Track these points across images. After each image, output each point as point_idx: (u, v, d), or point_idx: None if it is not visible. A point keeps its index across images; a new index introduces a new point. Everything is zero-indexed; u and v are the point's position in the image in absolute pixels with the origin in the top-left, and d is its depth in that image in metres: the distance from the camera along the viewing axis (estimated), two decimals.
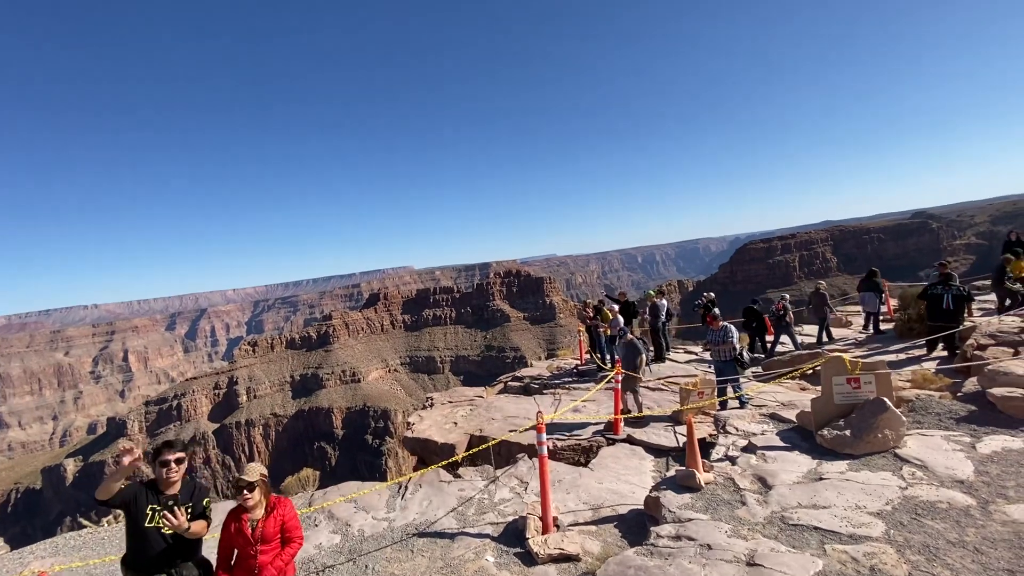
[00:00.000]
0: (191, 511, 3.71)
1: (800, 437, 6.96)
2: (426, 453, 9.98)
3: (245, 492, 3.75)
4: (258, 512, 3.76)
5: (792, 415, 7.73)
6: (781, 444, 6.81)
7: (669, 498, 5.69)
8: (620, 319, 13.83)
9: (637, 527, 5.74)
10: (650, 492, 6.04)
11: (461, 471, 8.08)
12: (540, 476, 5.80)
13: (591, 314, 15.08)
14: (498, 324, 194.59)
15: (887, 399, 6.36)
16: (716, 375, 10.01)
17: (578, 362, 15.85)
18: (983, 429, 6.35)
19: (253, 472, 3.79)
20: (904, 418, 6.37)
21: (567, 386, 13.22)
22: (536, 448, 6.06)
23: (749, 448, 6.82)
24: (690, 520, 5.22)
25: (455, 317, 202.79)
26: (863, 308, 15.63)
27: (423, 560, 5.62)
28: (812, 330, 16.33)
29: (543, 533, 5.63)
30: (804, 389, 10.54)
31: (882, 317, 15.59)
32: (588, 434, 9.16)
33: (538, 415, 6.15)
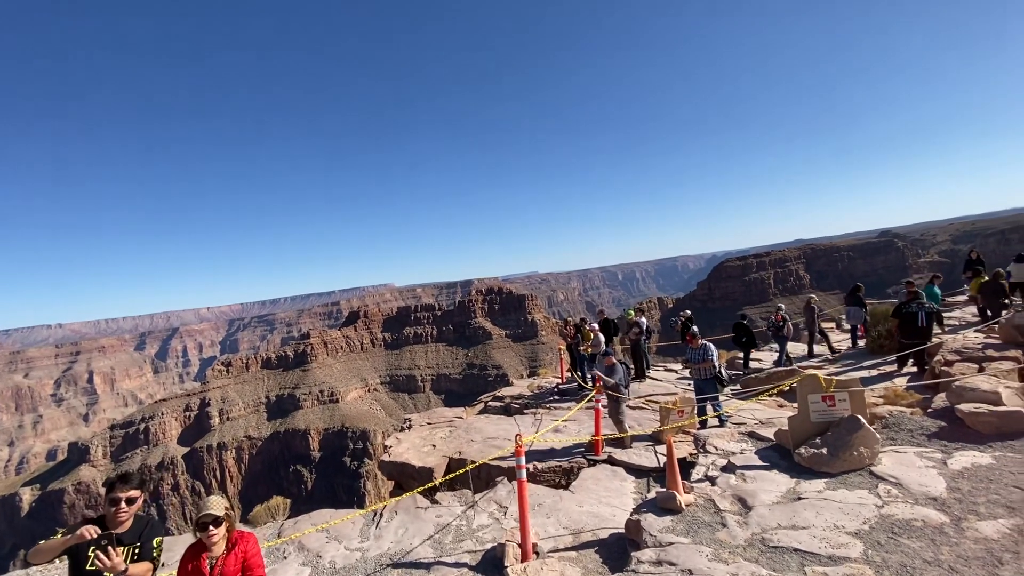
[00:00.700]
0: (138, 552, 3.43)
1: (778, 455, 6.99)
2: (403, 477, 9.73)
3: (210, 528, 3.50)
4: (218, 549, 3.53)
5: (770, 433, 7.77)
6: (760, 463, 6.82)
7: (650, 521, 5.61)
8: (601, 338, 13.86)
9: (618, 552, 5.64)
10: (631, 515, 5.95)
11: (439, 496, 7.87)
12: (519, 501, 5.67)
13: (572, 332, 15.09)
14: (480, 342, 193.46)
15: (861, 416, 6.44)
16: (696, 393, 10.04)
17: (559, 381, 15.78)
18: (953, 445, 6.46)
19: (217, 506, 3.54)
20: (878, 435, 6.44)
21: (548, 406, 13.12)
22: (516, 471, 5.94)
23: (729, 468, 6.81)
24: (671, 544, 5.14)
25: (436, 335, 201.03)
26: (847, 321, 16.11)
27: None
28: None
29: (522, 561, 5.49)
30: (782, 406, 10.65)
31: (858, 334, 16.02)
32: (569, 455, 9.06)
33: (517, 438, 6.04)
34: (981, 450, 6.19)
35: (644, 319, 15.74)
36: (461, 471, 7.31)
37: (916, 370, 11.11)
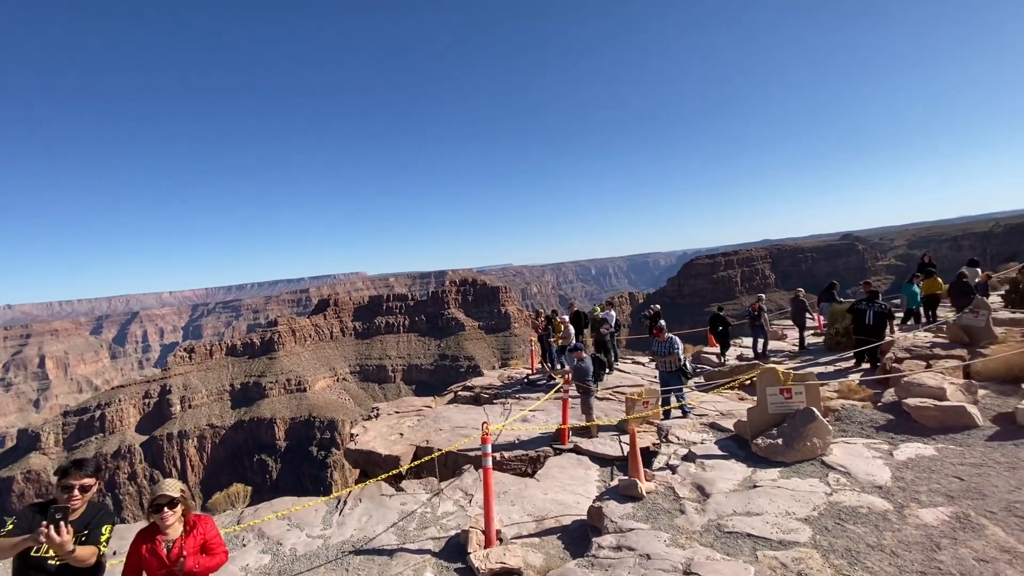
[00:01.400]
0: (85, 538, 3.29)
1: (737, 446, 7.21)
2: (369, 466, 9.64)
3: (165, 510, 3.39)
4: (174, 532, 3.43)
5: (730, 424, 8.01)
6: (719, 453, 7.02)
7: (612, 508, 5.72)
8: (571, 330, 13.99)
9: (580, 538, 5.73)
10: (593, 502, 6.05)
11: (404, 484, 7.84)
12: (484, 488, 5.69)
13: (543, 324, 15.17)
14: (452, 333, 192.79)
15: (816, 409, 6.69)
16: (661, 385, 10.25)
17: (530, 372, 15.87)
18: (899, 437, 6.79)
19: (172, 487, 3.43)
20: (831, 427, 6.72)
21: (518, 396, 13.18)
22: (482, 459, 5.96)
23: (689, 457, 6.99)
24: (631, 530, 5.26)
25: (408, 325, 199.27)
26: (821, 317, 16.81)
27: None
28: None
29: (486, 547, 5.52)
30: (742, 399, 10.97)
31: (811, 331, 16.69)
32: (536, 444, 9.14)
33: (484, 426, 6.06)
34: (925, 442, 6.52)
35: (613, 312, 15.96)
36: (427, 458, 7.29)
37: (869, 366, 11.61)
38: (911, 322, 15.36)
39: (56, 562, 3.20)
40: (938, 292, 15.49)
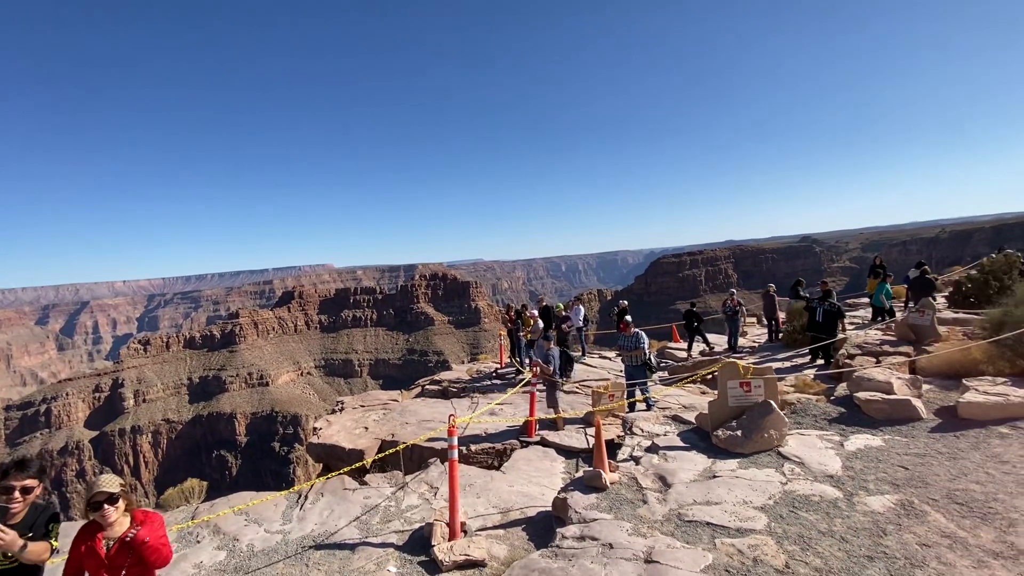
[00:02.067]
0: (32, 537, 3.12)
1: (698, 437, 7.38)
2: (332, 460, 9.44)
3: (105, 507, 3.19)
4: (117, 529, 3.24)
5: (692, 417, 8.20)
6: (681, 444, 7.18)
7: (576, 499, 5.77)
8: (540, 324, 14.04)
9: (544, 529, 5.76)
10: (558, 494, 6.09)
11: (368, 478, 7.71)
12: (450, 481, 5.65)
13: (512, 318, 15.19)
14: (421, 327, 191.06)
15: (773, 402, 6.91)
16: (626, 379, 10.40)
17: (498, 366, 15.87)
18: (850, 429, 7.10)
19: (110, 483, 3.23)
20: (786, 419, 6.96)
21: (486, 390, 13.16)
22: (448, 451, 5.91)
23: (652, 448, 7.12)
24: (595, 520, 5.31)
25: (376, 319, 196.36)
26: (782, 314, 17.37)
27: (318, 574, 5.25)
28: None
29: (450, 539, 5.48)
30: (704, 393, 11.26)
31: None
32: (503, 437, 9.14)
33: (450, 418, 6.00)
34: (873, 433, 6.83)
35: (582, 308, 16.12)
36: (391, 451, 7.18)
37: (823, 362, 12.10)
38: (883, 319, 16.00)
39: (7, 564, 3.01)
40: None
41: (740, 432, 6.75)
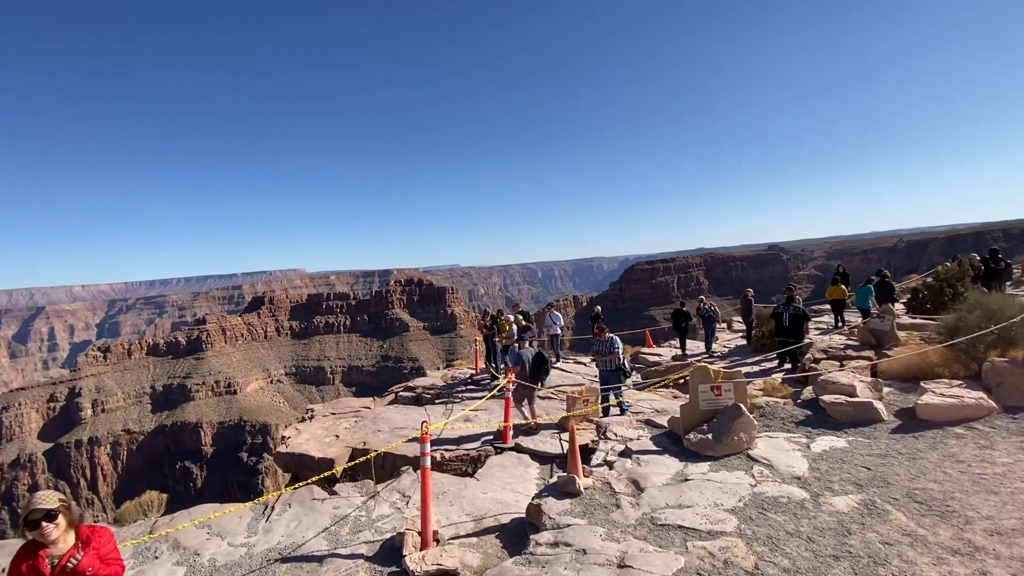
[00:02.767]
0: None
1: (670, 441, 7.46)
2: (301, 469, 9.18)
3: (43, 525, 3.00)
4: (61, 546, 3.05)
5: (665, 421, 8.28)
6: (654, 448, 7.24)
7: (550, 504, 5.74)
8: (515, 329, 14.02)
9: (518, 536, 5.70)
10: (532, 500, 6.05)
11: (338, 487, 7.51)
12: (422, 489, 5.54)
13: (488, 324, 15.12)
14: (396, 333, 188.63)
15: (743, 405, 7.04)
16: (601, 383, 10.45)
17: (473, 372, 15.75)
18: (816, 431, 7.28)
19: (48, 499, 3.03)
20: (756, 422, 7.09)
21: (460, 396, 13.03)
22: (420, 459, 5.80)
23: (626, 453, 7.16)
24: (568, 526, 5.29)
25: (350, 325, 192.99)
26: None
27: None
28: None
29: (422, 549, 5.37)
30: (676, 397, 11.40)
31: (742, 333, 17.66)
32: (477, 444, 9.04)
33: (423, 424, 5.90)
34: (838, 435, 7.03)
35: (559, 315, 16.17)
36: (362, 459, 7.02)
37: (791, 366, 12.42)
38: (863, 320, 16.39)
39: None
40: (842, 298, 16.84)
41: (711, 435, 6.84)
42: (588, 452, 7.73)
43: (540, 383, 9.92)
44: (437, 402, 12.75)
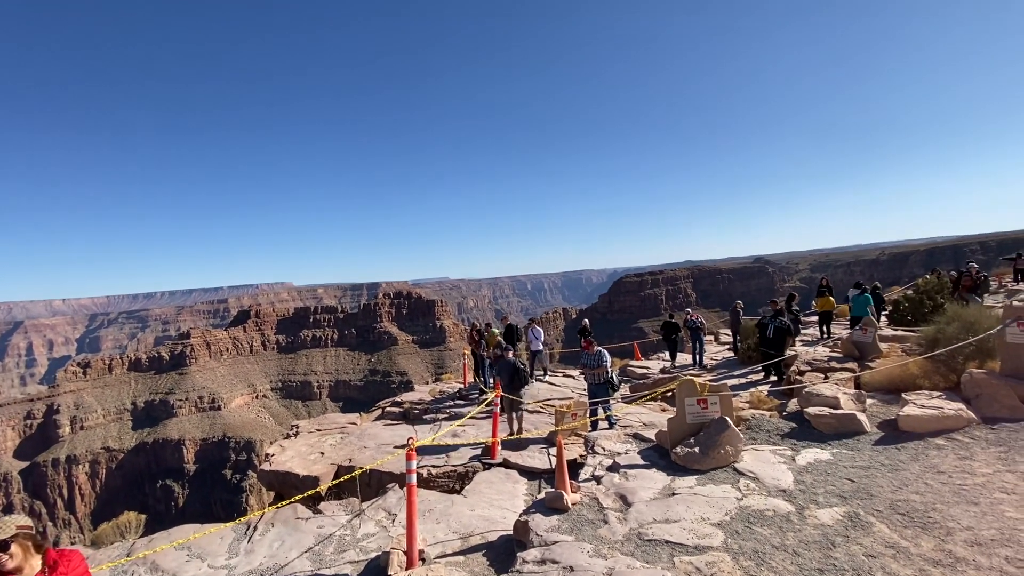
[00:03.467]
0: None
1: (658, 455, 7.46)
2: (285, 488, 9.02)
3: None
4: (28, 573, 2.94)
5: (652, 434, 8.29)
6: (642, 462, 7.23)
7: (537, 521, 5.70)
8: (502, 342, 14.00)
9: (506, 554, 5.64)
10: (520, 517, 6.00)
11: (323, 506, 7.39)
12: (407, 507, 5.48)
13: (476, 337, 15.09)
14: (385, 347, 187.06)
15: (729, 418, 7.09)
16: (589, 397, 10.45)
17: (462, 386, 15.67)
18: (801, 443, 7.34)
19: (5, 527, 2.93)
20: (742, 435, 7.13)
21: (448, 410, 12.95)
22: (406, 476, 5.74)
23: (614, 467, 7.14)
24: (556, 543, 5.25)
25: (338, 339, 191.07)
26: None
27: None
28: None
29: (407, 568, 5.30)
30: (664, 410, 11.43)
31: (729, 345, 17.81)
32: (465, 459, 8.98)
33: (409, 441, 5.85)
34: (823, 447, 7.08)
35: (541, 330, 16.16)
36: (347, 476, 6.92)
37: (776, 378, 12.53)
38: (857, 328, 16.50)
39: None
40: (831, 310, 17.09)
41: (698, 449, 6.86)
42: (576, 467, 7.70)
43: (519, 394, 9.88)
44: (425, 417, 12.65)
